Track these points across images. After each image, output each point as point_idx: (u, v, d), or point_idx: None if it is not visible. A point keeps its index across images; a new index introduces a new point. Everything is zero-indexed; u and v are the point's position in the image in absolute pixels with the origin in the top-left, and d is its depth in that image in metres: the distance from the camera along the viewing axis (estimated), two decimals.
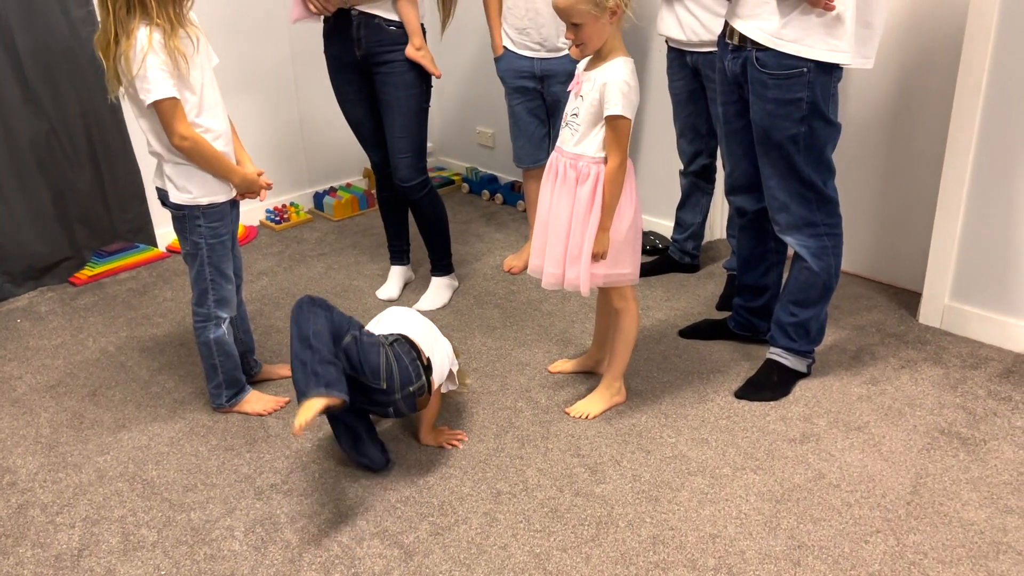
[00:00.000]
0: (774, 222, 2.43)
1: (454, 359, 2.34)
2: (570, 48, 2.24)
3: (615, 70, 2.14)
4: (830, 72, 2.20)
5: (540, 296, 3.20)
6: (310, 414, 1.92)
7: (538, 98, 3.17)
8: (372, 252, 3.64)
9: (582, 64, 2.27)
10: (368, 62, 2.82)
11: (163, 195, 2.32)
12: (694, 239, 3.30)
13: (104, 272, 3.47)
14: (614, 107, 2.14)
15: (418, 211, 3.07)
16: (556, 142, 2.33)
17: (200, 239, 2.31)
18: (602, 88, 2.15)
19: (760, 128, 2.30)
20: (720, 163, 2.93)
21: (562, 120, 2.30)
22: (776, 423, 2.43)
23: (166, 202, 2.31)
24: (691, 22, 2.79)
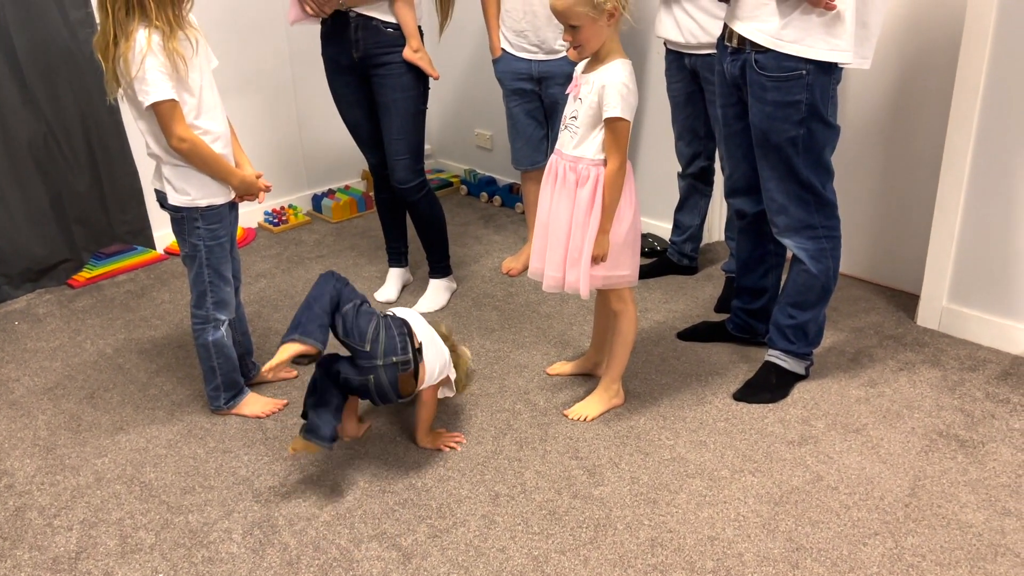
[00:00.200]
0: (772, 224, 2.43)
1: (451, 366, 2.33)
2: (568, 50, 2.24)
3: (613, 72, 2.14)
4: (829, 74, 2.20)
5: (538, 298, 3.20)
6: (283, 356, 2.06)
7: (536, 100, 3.17)
8: (370, 254, 3.64)
9: (580, 67, 2.27)
10: (366, 64, 2.82)
11: (162, 197, 2.31)
12: (692, 241, 3.30)
13: (102, 274, 3.46)
14: (613, 109, 2.14)
15: (416, 213, 3.07)
16: (554, 144, 2.34)
17: (199, 241, 2.31)
18: (601, 90, 2.15)
19: (759, 130, 2.30)
20: (718, 165, 2.94)
21: (561, 123, 2.30)
22: (774, 425, 2.43)
23: (165, 204, 2.31)
24: (689, 24, 2.79)
